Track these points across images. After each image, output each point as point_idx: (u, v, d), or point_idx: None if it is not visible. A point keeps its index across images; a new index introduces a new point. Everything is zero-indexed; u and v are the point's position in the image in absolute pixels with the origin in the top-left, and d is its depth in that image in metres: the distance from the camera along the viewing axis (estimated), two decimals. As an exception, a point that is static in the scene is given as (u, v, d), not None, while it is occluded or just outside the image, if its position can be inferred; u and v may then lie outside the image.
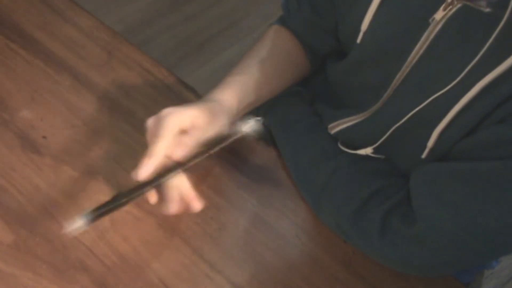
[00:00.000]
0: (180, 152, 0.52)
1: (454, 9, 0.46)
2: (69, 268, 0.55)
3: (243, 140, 0.67)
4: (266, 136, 0.69)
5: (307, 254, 0.59)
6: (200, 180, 0.63)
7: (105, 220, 0.58)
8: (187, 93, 0.70)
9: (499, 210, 0.46)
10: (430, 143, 0.51)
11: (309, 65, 0.70)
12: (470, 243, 0.48)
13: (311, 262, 0.58)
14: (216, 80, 0.61)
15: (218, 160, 0.65)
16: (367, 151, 0.60)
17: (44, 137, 0.65)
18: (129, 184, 0.61)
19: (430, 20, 0.48)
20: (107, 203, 0.51)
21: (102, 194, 0.60)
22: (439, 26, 0.48)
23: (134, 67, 0.73)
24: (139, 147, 0.64)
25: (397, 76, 0.53)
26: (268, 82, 0.64)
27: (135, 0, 1.90)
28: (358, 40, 0.56)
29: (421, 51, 0.50)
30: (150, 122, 0.53)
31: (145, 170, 0.50)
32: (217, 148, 0.54)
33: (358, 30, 0.55)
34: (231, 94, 0.59)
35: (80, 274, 0.55)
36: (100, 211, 0.51)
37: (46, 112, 0.67)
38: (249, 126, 0.54)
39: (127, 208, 0.59)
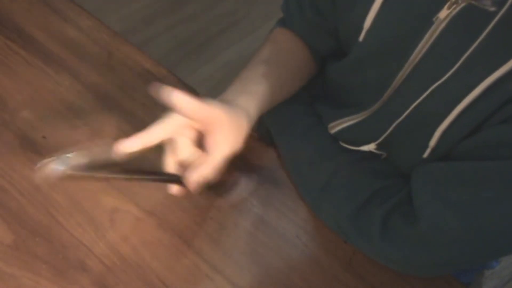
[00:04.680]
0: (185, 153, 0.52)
1: (458, 8, 0.46)
2: (69, 268, 0.55)
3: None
4: (266, 136, 0.69)
5: (307, 254, 0.59)
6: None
7: (105, 220, 0.58)
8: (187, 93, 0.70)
9: (501, 210, 0.46)
10: (432, 142, 0.51)
11: (315, 64, 0.70)
12: (472, 243, 0.48)
13: (311, 262, 0.58)
14: (216, 80, 0.61)
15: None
16: (371, 147, 0.60)
17: (44, 137, 0.64)
18: (129, 185, 0.61)
19: (434, 19, 0.48)
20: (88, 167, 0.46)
21: (102, 194, 0.60)
22: (443, 25, 0.48)
23: (134, 67, 0.73)
24: (139, 147, 0.64)
25: (399, 75, 0.53)
26: (281, 88, 0.63)
27: (135, 0, 1.90)
28: (361, 38, 0.55)
29: (424, 50, 0.50)
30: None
31: (129, 144, 0.47)
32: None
33: (361, 28, 0.55)
34: (252, 103, 0.57)
35: (80, 274, 0.55)
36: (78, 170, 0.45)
37: (46, 112, 0.67)
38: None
39: (127, 208, 0.59)
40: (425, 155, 0.53)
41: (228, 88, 0.58)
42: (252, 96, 0.57)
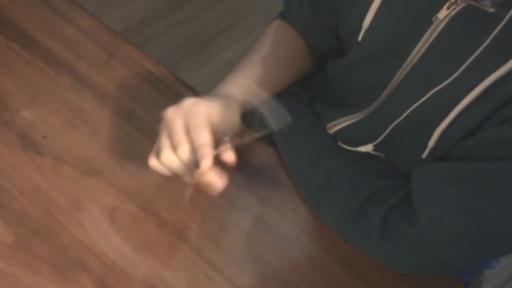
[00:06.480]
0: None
1: (457, 9, 0.46)
2: (69, 268, 0.55)
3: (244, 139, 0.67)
4: (266, 136, 0.69)
5: (307, 254, 0.59)
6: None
7: (105, 220, 0.58)
8: (187, 93, 0.70)
9: (500, 210, 0.46)
10: (431, 143, 0.51)
11: (311, 60, 0.70)
12: (471, 243, 0.48)
13: (311, 262, 0.58)
14: (216, 80, 0.61)
15: (218, 160, 0.65)
16: (368, 148, 0.60)
17: (44, 137, 0.65)
18: (129, 185, 0.61)
19: (433, 19, 0.48)
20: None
21: (102, 194, 0.60)
22: (442, 25, 0.48)
23: (134, 67, 0.73)
24: (139, 147, 0.64)
25: (397, 75, 0.53)
26: (272, 76, 0.63)
27: (135, 0, 1.90)
28: (359, 38, 0.56)
29: (423, 50, 0.50)
30: (171, 111, 0.52)
31: (209, 159, 0.50)
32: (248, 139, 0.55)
33: (359, 28, 0.55)
34: (238, 89, 0.59)
35: (80, 274, 0.55)
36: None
37: (46, 112, 0.67)
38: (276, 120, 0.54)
39: (127, 208, 0.60)
40: (424, 155, 0.53)
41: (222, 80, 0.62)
42: (233, 81, 0.61)
